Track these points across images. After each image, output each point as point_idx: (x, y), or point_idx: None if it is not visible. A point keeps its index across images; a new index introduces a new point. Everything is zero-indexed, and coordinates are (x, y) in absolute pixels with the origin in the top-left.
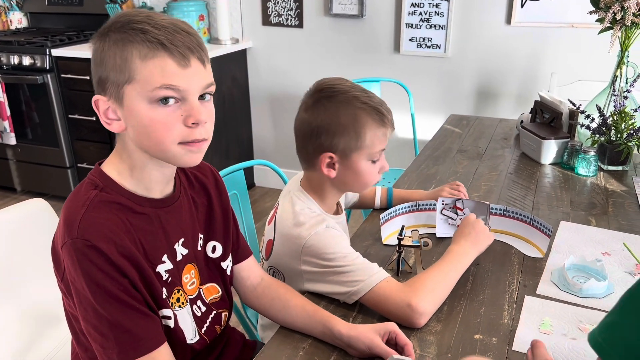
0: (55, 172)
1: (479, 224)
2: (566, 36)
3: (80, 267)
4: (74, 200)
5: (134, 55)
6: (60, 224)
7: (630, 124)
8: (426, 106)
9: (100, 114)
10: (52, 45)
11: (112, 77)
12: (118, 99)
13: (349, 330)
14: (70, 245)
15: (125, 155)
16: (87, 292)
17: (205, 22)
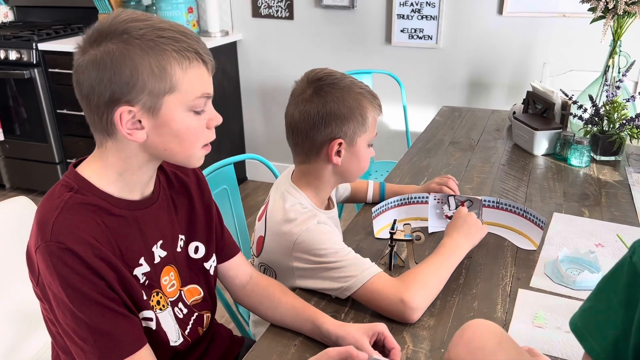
0: (44, 168)
1: (471, 217)
2: (558, 26)
3: (56, 270)
4: (47, 202)
5: (173, 64)
6: (33, 227)
7: (622, 114)
8: (418, 98)
9: (122, 125)
10: (39, 39)
11: (150, 87)
12: (152, 109)
13: (336, 328)
14: (44, 249)
15: (115, 160)
16: (64, 296)
17: (195, 15)
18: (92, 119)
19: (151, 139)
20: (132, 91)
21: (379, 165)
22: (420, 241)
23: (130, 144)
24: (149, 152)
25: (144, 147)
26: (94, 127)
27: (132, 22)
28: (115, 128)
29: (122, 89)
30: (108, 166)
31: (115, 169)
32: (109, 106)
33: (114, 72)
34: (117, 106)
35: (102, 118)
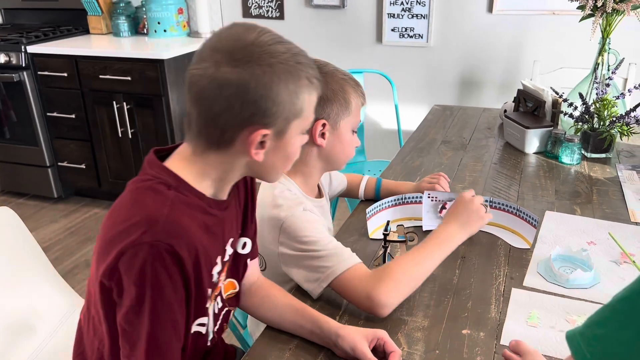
0: (35, 171)
1: (473, 203)
2: (548, 24)
3: (154, 272)
4: (147, 197)
5: (304, 91)
6: (125, 219)
7: (612, 112)
8: (410, 96)
9: (252, 146)
10: (28, 41)
11: (287, 112)
12: (281, 133)
13: (337, 329)
14: (148, 247)
15: (214, 169)
16: (147, 301)
17: (184, 16)
18: (210, 131)
19: (265, 159)
20: (272, 115)
21: (371, 164)
22: (414, 242)
23: (239, 159)
24: (251, 167)
25: (248, 165)
26: (205, 137)
27: (275, 44)
28: (233, 145)
29: (263, 112)
30: (206, 173)
31: (212, 176)
32: (242, 125)
33: (259, 96)
34: (252, 126)
35: (225, 133)
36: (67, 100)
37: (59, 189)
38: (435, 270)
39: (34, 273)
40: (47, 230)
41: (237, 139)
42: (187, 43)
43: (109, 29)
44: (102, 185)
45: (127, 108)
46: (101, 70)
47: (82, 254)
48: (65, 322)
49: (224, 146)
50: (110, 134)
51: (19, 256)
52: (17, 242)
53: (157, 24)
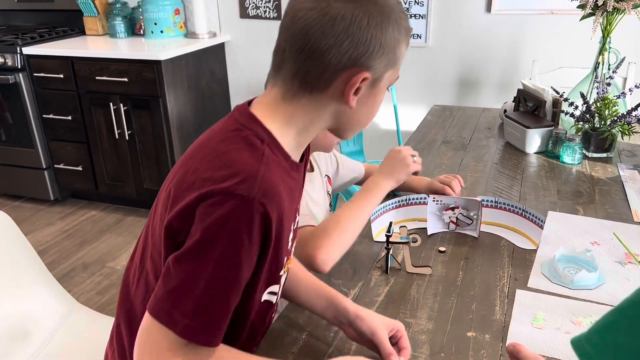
0: (32, 173)
1: (400, 152)
2: (546, 23)
3: (236, 224)
4: (241, 149)
5: (403, 41)
6: (213, 166)
7: (613, 111)
8: (409, 97)
9: (351, 89)
10: (23, 43)
11: (388, 58)
12: (376, 81)
13: (357, 309)
14: (240, 200)
15: (301, 118)
16: (216, 254)
17: (181, 16)
18: (309, 70)
19: (355, 108)
20: (376, 58)
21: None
22: (417, 243)
23: (329, 105)
24: (333, 120)
25: (336, 115)
26: (301, 78)
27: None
28: (329, 87)
29: (370, 53)
30: (292, 123)
31: (297, 127)
32: (346, 65)
33: (371, 35)
34: (355, 68)
35: (325, 73)
36: (63, 102)
37: (55, 192)
38: (439, 270)
39: (30, 278)
40: (44, 233)
41: (335, 82)
42: (184, 44)
43: (105, 30)
44: (99, 188)
45: (124, 110)
46: (98, 72)
47: (78, 257)
48: (61, 327)
49: (318, 89)
50: (107, 135)
51: (14, 261)
52: (12, 246)
53: (154, 24)
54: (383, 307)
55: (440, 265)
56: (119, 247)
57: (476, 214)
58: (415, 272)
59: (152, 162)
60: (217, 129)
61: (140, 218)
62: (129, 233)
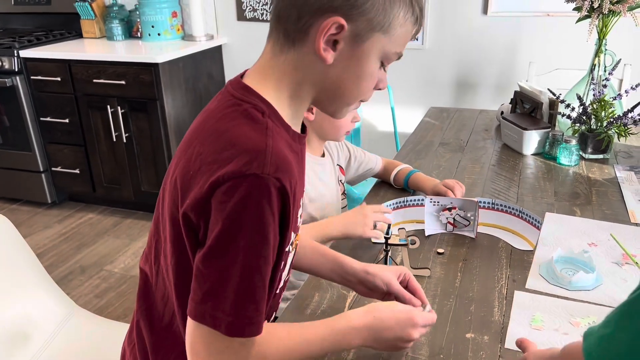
0: (29, 176)
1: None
2: (542, 25)
3: (256, 205)
4: (242, 124)
5: (401, 8)
6: (218, 148)
7: (610, 112)
8: (406, 99)
9: (322, 37)
10: (20, 46)
11: (373, 15)
12: (358, 38)
13: (365, 266)
14: (254, 179)
15: (290, 78)
16: (239, 235)
17: (179, 19)
18: (288, 15)
19: (334, 68)
20: (355, 8)
21: None
22: (415, 245)
23: (312, 64)
24: (319, 84)
25: (318, 77)
26: (283, 23)
27: None
28: (307, 38)
29: (348, 1)
30: (283, 86)
31: (288, 91)
32: (321, 11)
33: None
34: (330, 14)
35: (301, 19)
36: (60, 104)
37: (52, 195)
38: (437, 272)
39: (29, 281)
40: (41, 236)
41: (312, 29)
42: (181, 46)
43: (102, 33)
44: (96, 190)
45: (122, 112)
46: (95, 75)
47: (76, 260)
48: (61, 330)
49: (299, 40)
50: (104, 138)
51: (13, 264)
52: (11, 249)
53: (151, 27)
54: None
55: (438, 267)
56: (117, 250)
57: (473, 215)
58: (414, 273)
59: (150, 164)
60: (213, 108)
61: (138, 221)
62: (127, 236)
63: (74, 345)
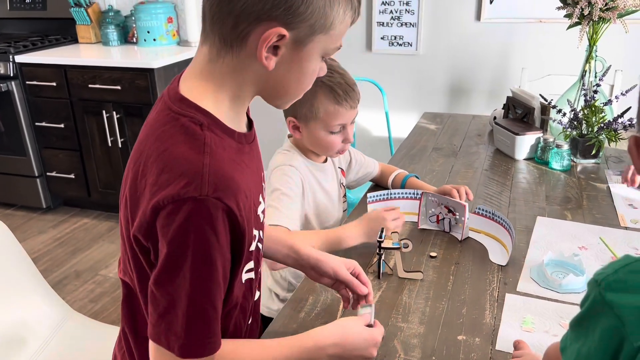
0: (24, 181)
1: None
2: (535, 31)
3: (197, 228)
4: (179, 143)
5: (341, 5)
6: (158, 170)
7: (600, 118)
8: (400, 104)
9: (264, 46)
10: (16, 51)
11: (314, 18)
12: (300, 43)
13: (317, 254)
14: (192, 202)
15: (230, 82)
16: (184, 259)
17: (174, 25)
18: (223, 23)
19: (276, 70)
20: (297, 15)
21: None
22: (408, 249)
23: (251, 67)
24: (259, 84)
25: (260, 79)
26: (218, 29)
27: None
28: (246, 44)
29: (289, 7)
30: (221, 90)
31: (228, 93)
32: (259, 19)
33: None
34: (269, 23)
35: (238, 26)
36: (56, 109)
37: (47, 199)
38: (430, 275)
39: (24, 285)
40: (36, 241)
41: (251, 36)
42: (177, 52)
43: (98, 38)
44: (91, 195)
45: (117, 117)
46: (90, 80)
47: (71, 265)
48: (56, 334)
49: (237, 45)
50: (99, 143)
51: (8, 268)
52: (7, 254)
53: (147, 32)
54: (375, 312)
55: (431, 270)
56: (112, 255)
57: (461, 216)
58: (406, 277)
59: None
60: (152, 121)
61: None
62: None
63: (69, 350)
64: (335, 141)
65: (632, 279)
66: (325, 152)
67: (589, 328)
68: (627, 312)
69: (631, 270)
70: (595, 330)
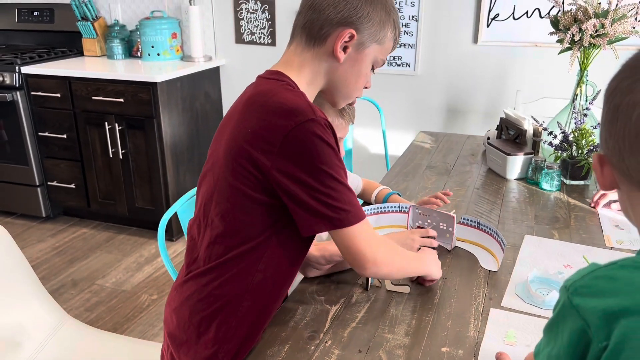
0: (25, 190)
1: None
2: (530, 55)
3: (324, 140)
4: (286, 92)
5: (389, 28)
6: (273, 108)
7: (590, 141)
8: (397, 123)
9: (339, 40)
10: (22, 62)
11: (374, 29)
12: (362, 46)
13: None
14: (312, 124)
15: (308, 71)
16: (329, 164)
17: (178, 40)
18: (313, 25)
19: (343, 65)
20: (363, 23)
21: None
22: None
23: (325, 61)
24: (329, 77)
25: (330, 71)
26: (308, 29)
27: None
28: (325, 42)
29: (358, 18)
30: (302, 74)
31: (305, 79)
32: (339, 23)
33: (361, 4)
34: (345, 26)
35: (323, 28)
36: (59, 120)
37: (47, 209)
38: (418, 289)
39: (22, 289)
40: (34, 250)
41: (330, 36)
42: (180, 66)
43: (103, 52)
44: (91, 206)
45: (119, 129)
46: (94, 92)
47: (68, 274)
48: (51, 338)
49: (319, 43)
50: (101, 154)
51: (6, 272)
52: (5, 257)
53: (151, 47)
54: (363, 323)
55: (419, 285)
56: (109, 265)
57: (449, 227)
58: (394, 290)
59: (145, 181)
60: (250, 93)
61: (130, 236)
62: (119, 251)
63: (64, 354)
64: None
65: (597, 284)
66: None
67: (558, 332)
68: (592, 314)
69: (596, 277)
70: (564, 333)
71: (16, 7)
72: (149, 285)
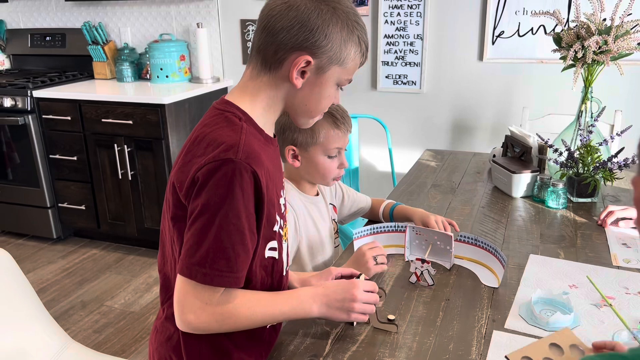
0: (36, 212)
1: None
2: (536, 71)
3: (231, 185)
4: (222, 127)
5: (352, 47)
6: (209, 145)
7: (596, 157)
8: (403, 141)
9: (295, 68)
10: (34, 86)
11: (332, 52)
12: (321, 70)
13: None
14: (231, 164)
15: (264, 96)
16: (219, 209)
17: (187, 62)
18: (267, 49)
19: (302, 90)
20: (320, 47)
21: None
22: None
23: (283, 85)
24: (288, 101)
25: (288, 96)
26: (262, 54)
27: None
28: (281, 67)
29: (314, 42)
30: (257, 100)
31: (262, 104)
32: (294, 48)
33: (317, 26)
34: (300, 52)
35: (277, 53)
36: (69, 142)
37: (58, 230)
38: (420, 311)
39: (25, 313)
40: (45, 271)
41: (286, 61)
42: (188, 88)
43: (113, 75)
44: (100, 227)
45: (128, 151)
46: (104, 114)
47: (78, 295)
48: None
49: (275, 68)
50: (110, 175)
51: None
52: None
53: (160, 70)
54: (364, 346)
55: (421, 306)
56: (118, 286)
57: (447, 245)
58: (380, 327)
59: (154, 202)
60: (201, 120)
61: (140, 257)
62: (129, 272)
63: None
64: (333, 166)
65: None
66: (322, 179)
67: None
68: None
69: None
70: None
71: (29, 33)
72: (157, 307)
